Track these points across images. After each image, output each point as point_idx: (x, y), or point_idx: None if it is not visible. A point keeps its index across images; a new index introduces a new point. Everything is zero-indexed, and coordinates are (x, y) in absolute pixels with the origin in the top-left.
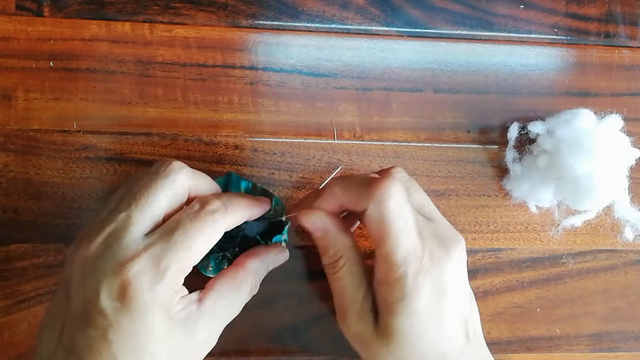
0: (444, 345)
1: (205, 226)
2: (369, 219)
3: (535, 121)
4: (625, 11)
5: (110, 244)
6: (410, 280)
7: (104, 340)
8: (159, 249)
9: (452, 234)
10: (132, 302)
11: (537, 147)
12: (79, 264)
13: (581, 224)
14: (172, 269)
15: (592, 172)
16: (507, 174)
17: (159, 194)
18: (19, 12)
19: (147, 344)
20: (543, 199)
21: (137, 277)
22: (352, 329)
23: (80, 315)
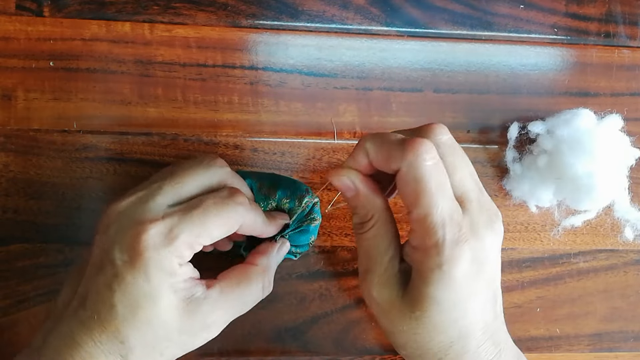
0: (472, 321)
1: (225, 212)
2: (402, 178)
3: (535, 121)
4: (625, 11)
5: (136, 204)
6: (448, 247)
7: (109, 290)
8: (176, 218)
9: (493, 206)
10: (137, 258)
11: (537, 147)
12: (107, 217)
13: (581, 223)
14: (180, 238)
15: (592, 172)
16: (507, 174)
17: (195, 180)
18: (19, 12)
19: (143, 302)
20: (543, 199)
21: (149, 238)
22: (374, 291)
23: (97, 262)
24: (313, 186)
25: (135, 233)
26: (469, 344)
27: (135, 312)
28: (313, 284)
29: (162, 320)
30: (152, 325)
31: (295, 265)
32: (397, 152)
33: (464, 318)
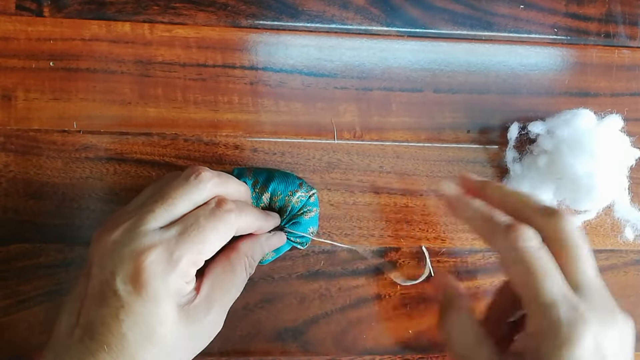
0: None
1: (220, 224)
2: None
3: (535, 121)
4: (625, 11)
5: (130, 231)
6: (565, 328)
7: (116, 319)
8: (174, 241)
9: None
10: (144, 288)
11: (537, 147)
12: (101, 247)
13: (581, 224)
14: (184, 261)
15: (592, 172)
16: (507, 174)
17: (184, 198)
18: (19, 12)
19: (156, 327)
20: (543, 198)
21: (151, 266)
22: None
23: (97, 294)
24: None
25: (136, 264)
26: None
27: (149, 337)
28: (313, 284)
29: (173, 337)
30: (165, 344)
31: (295, 265)
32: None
33: None
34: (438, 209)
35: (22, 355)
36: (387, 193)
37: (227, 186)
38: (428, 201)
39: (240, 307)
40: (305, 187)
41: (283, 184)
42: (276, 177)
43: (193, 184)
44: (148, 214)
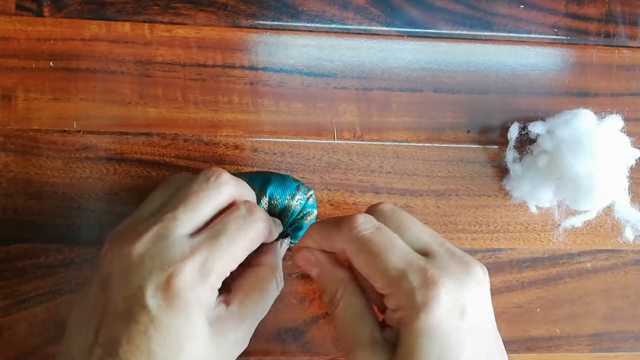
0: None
1: (251, 232)
2: (350, 255)
3: (535, 121)
4: (625, 11)
5: (157, 242)
6: (418, 293)
7: (144, 336)
8: (205, 252)
9: (470, 257)
10: (175, 300)
11: (537, 147)
12: (122, 260)
13: (581, 224)
14: (215, 272)
15: (592, 172)
16: (507, 174)
17: (207, 202)
18: (19, 12)
19: (185, 342)
20: (543, 199)
21: (184, 277)
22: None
23: (122, 311)
24: (313, 186)
25: (168, 276)
26: None
27: (177, 352)
28: (313, 284)
29: (201, 350)
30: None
31: (295, 265)
32: (336, 234)
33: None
34: (438, 209)
35: (22, 355)
36: (387, 193)
37: (243, 189)
38: (428, 201)
39: None
40: (303, 189)
41: (281, 187)
42: (273, 181)
43: (214, 186)
44: (172, 221)
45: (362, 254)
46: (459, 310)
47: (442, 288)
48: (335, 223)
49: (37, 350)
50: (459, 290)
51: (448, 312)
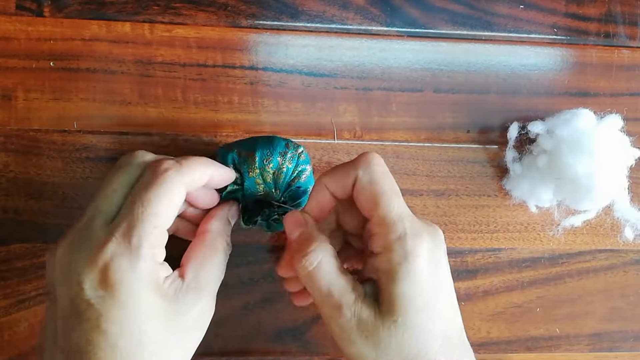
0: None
1: (160, 188)
2: (360, 184)
3: (535, 121)
4: (625, 11)
5: (81, 237)
6: (410, 238)
7: (99, 331)
8: (125, 227)
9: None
10: (115, 287)
11: (536, 147)
12: (58, 264)
13: (581, 223)
14: (144, 243)
15: (592, 172)
16: (507, 174)
17: (118, 183)
18: (19, 12)
19: (143, 325)
20: (543, 198)
21: (114, 261)
22: (353, 321)
23: (70, 313)
24: None
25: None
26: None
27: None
28: None
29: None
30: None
31: None
32: (351, 169)
33: (439, 319)
34: (438, 209)
35: (22, 355)
36: None
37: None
38: (428, 201)
39: (240, 307)
40: (293, 146)
41: (268, 147)
42: (259, 142)
43: (124, 162)
44: (89, 216)
45: (374, 187)
46: (435, 263)
47: (425, 241)
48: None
49: (37, 350)
50: (435, 245)
51: (427, 263)
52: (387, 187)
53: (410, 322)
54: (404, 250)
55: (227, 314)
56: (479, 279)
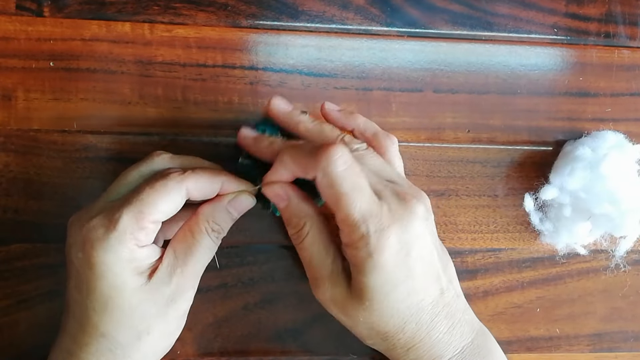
0: (416, 300)
1: (158, 184)
2: (320, 186)
3: (543, 187)
4: (625, 11)
5: (85, 211)
6: (373, 237)
7: (76, 289)
8: (116, 206)
9: (412, 191)
10: (91, 254)
11: (556, 202)
12: (69, 230)
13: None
14: (123, 220)
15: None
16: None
17: (130, 176)
18: (19, 12)
19: (112, 292)
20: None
21: (92, 230)
22: (327, 294)
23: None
24: None
25: (82, 231)
26: (422, 319)
27: (106, 303)
28: None
29: (133, 304)
30: (125, 311)
31: (295, 265)
32: (311, 162)
33: (408, 298)
34: (438, 209)
35: (22, 355)
36: None
37: (178, 160)
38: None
39: (240, 307)
40: None
41: None
42: None
43: (144, 162)
44: (102, 195)
45: (332, 190)
46: (405, 251)
47: (392, 234)
48: (312, 153)
49: (37, 350)
50: (406, 232)
51: (396, 252)
52: (347, 188)
53: (379, 306)
54: (368, 249)
55: (227, 314)
56: (479, 279)
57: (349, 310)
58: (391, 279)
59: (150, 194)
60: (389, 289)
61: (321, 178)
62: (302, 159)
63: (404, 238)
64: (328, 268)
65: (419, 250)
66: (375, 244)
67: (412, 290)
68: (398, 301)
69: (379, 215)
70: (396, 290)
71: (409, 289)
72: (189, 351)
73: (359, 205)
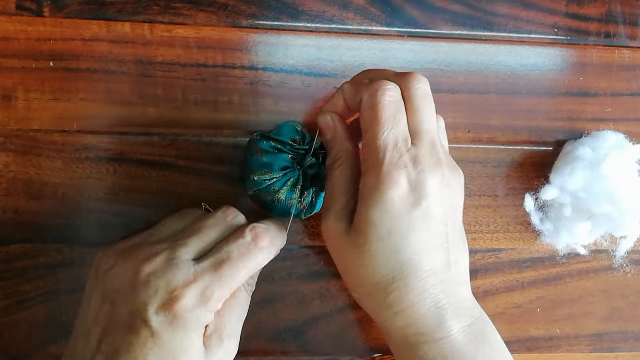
0: (414, 256)
1: (253, 262)
2: (362, 108)
3: (543, 188)
4: (625, 11)
5: (165, 265)
6: (386, 168)
7: (143, 347)
8: (208, 279)
9: (451, 163)
10: (175, 319)
11: (556, 202)
12: (131, 277)
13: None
14: (215, 297)
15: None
16: (542, 233)
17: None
18: (19, 12)
19: (180, 356)
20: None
21: (186, 301)
22: (329, 227)
23: (125, 323)
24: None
25: (172, 297)
26: (413, 282)
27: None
28: (313, 284)
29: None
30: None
31: (295, 265)
32: (363, 88)
33: (404, 250)
34: None
35: (22, 355)
36: None
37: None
38: None
39: None
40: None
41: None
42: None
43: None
44: (182, 247)
45: (372, 112)
46: (415, 198)
47: (404, 173)
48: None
49: (37, 350)
50: (422, 183)
51: (406, 194)
52: (384, 115)
53: (371, 247)
54: (378, 178)
55: None
56: (479, 279)
57: (344, 247)
58: (392, 221)
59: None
60: (387, 232)
61: (366, 98)
62: (358, 85)
63: (417, 187)
64: (341, 202)
65: (432, 208)
66: (386, 175)
67: (410, 243)
68: (393, 250)
69: (401, 153)
70: (394, 236)
71: (407, 240)
72: None
73: (387, 134)
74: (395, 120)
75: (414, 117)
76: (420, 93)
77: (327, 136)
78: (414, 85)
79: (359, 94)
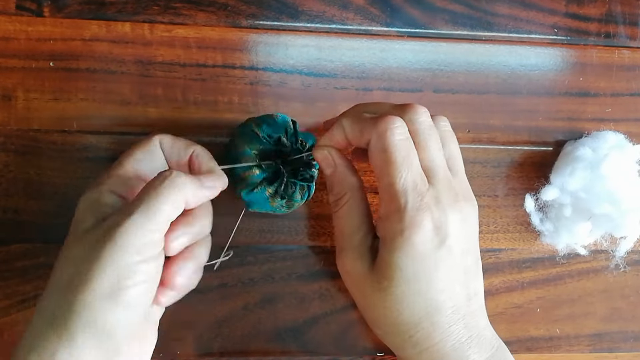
0: (439, 297)
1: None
2: (372, 149)
3: (544, 188)
4: (625, 11)
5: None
6: (409, 213)
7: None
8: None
9: (466, 192)
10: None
11: (556, 203)
12: None
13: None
14: None
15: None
16: (541, 234)
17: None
18: (19, 12)
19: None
20: (585, 237)
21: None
22: (348, 264)
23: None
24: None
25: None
26: (438, 321)
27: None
28: (313, 284)
29: None
30: None
31: (295, 265)
32: (369, 127)
33: (429, 291)
34: None
35: None
36: None
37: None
38: None
39: (240, 307)
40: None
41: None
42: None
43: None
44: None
45: (384, 155)
46: (439, 239)
47: (429, 216)
48: (372, 119)
49: None
50: (445, 222)
51: (430, 238)
52: (398, 158)
53: (397, 290)
54: (402, 223)
55: (227, 314)
56: None
57: (366, 288)
58: (417, 264)
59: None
60: (413, 275)
61: (375, 141)
62: (361, 122)
63: (441, 226)
64: (357, 240)
65: (453, 246)
66: (410, 220)
67: (435, 284)
68: (419, 292)
69: (422, 195)
70: (420, 279)
71: (432, 281)
72: (189, 351)
73: (405, 176)
74: (409, 160)
75: (424, 154)
76: (425, 127)
77: (326, 172)
78: (418, 119)
79: (365, 134)
